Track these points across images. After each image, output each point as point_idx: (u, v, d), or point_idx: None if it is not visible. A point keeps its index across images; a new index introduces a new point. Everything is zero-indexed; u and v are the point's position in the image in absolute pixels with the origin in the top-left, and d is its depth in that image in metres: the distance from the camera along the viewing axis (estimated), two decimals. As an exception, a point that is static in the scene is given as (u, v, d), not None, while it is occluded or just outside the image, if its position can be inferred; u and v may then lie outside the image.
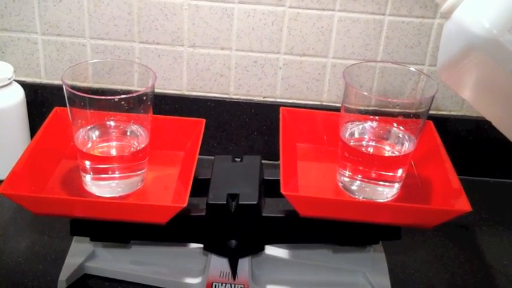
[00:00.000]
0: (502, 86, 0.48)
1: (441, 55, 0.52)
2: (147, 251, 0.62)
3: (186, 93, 0.81)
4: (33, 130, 0.79)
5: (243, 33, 0.77)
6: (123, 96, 0.53)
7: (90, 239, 0.59)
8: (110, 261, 0.62)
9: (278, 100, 0.81)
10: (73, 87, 0.53)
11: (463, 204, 0.54)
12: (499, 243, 0.71)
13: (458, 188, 0.56)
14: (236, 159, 0.63)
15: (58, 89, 0.80)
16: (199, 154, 0.59)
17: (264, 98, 0.81)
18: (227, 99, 0.81)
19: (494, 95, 0.51)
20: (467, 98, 0.54)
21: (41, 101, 0.81)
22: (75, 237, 0.63)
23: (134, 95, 0.54)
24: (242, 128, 0.82)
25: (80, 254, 0.61)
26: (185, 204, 0.51)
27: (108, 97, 0.52)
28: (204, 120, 0.63)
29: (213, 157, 0.63)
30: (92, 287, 0.61)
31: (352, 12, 0.75)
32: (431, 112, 0.57)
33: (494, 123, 0.54)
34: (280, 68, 0.79)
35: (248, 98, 0.81)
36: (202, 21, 0.76)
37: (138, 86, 0.59)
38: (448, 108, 0.81)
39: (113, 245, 0.62)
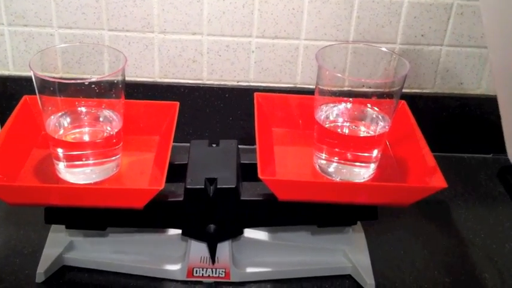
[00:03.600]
0: None
1: None
2: (126, 239, 0.61)
3: (159, 80, 0.81)
4: (3, 123, 0.77)
5: (214, 17, 0.76)
6: (93, 79, 0.52)
7: (66, 227, 0.58)
8: (88, 251, 0.61)
9: (252, 84, 0.81)
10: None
11: (438, 181, 0.54)
12: (475, 217, 0.72)
13: (433, 165, 0.56)
14: (212, 144, 0.62)
15: (27, 80, 0.79)
16: (175, 141, 0.59)
17: (237, 82, 0.81)
18: (201, 85, 0.80)
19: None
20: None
21: (10, 93, 0.79)
22: (52, 229, 0.62)
23: (105, 78, 0.53)
24: (217, 113, 0.82)
25: (58, 245, 0.60)
26: (162, 187, 0.51)
27: (79, 81, 0.51)
28: (177, 103, 0.63)
29: (189, 144, 0.62)
30: (71, 278, 0.60)
31: (323, -7, 0.75)
32: (404, 90, 0.58)
33: (490, 48, 0.48)
34: (253, 52, 0.79)
35: (222, 83, 0.81)
36: (172, 7, 0.75)
37: (109, 73, 0.58)
38: (420, 86, 0.81)
39: (90, 235, 0.61)
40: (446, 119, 0.82)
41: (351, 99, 0.59)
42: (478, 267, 0.65)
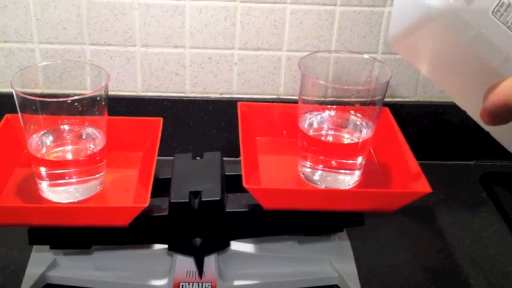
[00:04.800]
0: (458, 57, 0.48)
1: (394, 24, 0.50)
2: (111, 256, 0.61)
3: (142, 94, 0.80)
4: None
5: (196, 30, 0.76)
6: (75, 97, 0.51)
7: (50, 247, 0.58)
8: (72, 269, 0.60)
9: (235, 96, 0.81)
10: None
11: (422, 186, 0.54)
12: (460, 223, 0.73)
13: (417, 171, 0.57)
14: (196, 157, 0.62)
15: (9, 97, 0.77)
16: (159, 155, 0.58)
17: (221, 94, 0.81)
18: (184, 98, 0.80)
19: (450, 67, 0.51)
20: (422, 70, 0.53)
21: (-9, 110, 0.79)
22: (34, 247, 0.61)
23: (87, 95, 0.52)
24: (200, 126, 0.81)
25: (41, 263, 0.60)
26: (146, 204, 0.51)
27: (61, 99, 0.51)
28: (161, 119, 0.62)
29: (172, 157, 0.62)
30: (55, 296, 0.60)
31: (304, 4, 0.75)
32: (386, 99, 0.58)
33: (452, 97, 0.54)
34: (236, 64, 0.79)
35: (205, 95, 0.81)
36: (153, 20, 0.75)
37: (91, 89, 0.58)
38: (402, 95, 0.82)
39: (74, 252, 0.60)
40: (428, 127, 0.83)
41: (334, 106, 0.59)
42: (463, 273, 0.65)
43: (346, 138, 0.59)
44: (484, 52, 0.46)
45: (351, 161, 0.58)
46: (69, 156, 0.56)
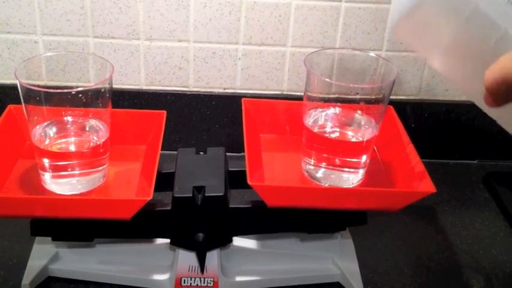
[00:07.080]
0: (458, 37, 0.47)
1: (393, 11, 0.50)
2: (113, 250, 0.61)
3: (145, 87, 0.80)
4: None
5: (200, 24, 0.76)
6: (80, 88, 0.51)
7: (52, 239, 0.57)
8: (74, 262, 0.60)
9: (238, 91, 0.81)
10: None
11: (427, 186, 0.54)
12: (462, 223, 0.73)
13: (421, 170, 0.56)
14: (200, 152, 0.62)
15: (11, 88, 0.78)
16: (162, 149, 0.58)
17: (224, 89, 0.81)
18: (187, 92, 0.80)
19: (451, 50, 0.50)
20: (425, 55, 0.53)
21: (-7, 101, 0.78)
22: (37, 239, 0.61)
23: (92, 87, 0.52)
24: (203, 121, 0.81)
25: (43, 256, 0.59)
26: (150, 197, 0.50)
27: (65, 90, 0.51)
28: (164, 112, 0.62)
29: (175, 152, 0.62)
30: (56, 289, 0.59)
31: None
32: (390, 97, 0.58)
33: (456, 84, 0.53)
34: (240, 59, 0.78)
35: (208, 90, 0.80)
36: (158, 14, 0.75)
37: (94, 82, 0.58)
38: (406, 93, 0.82)
39: (76, 245, 0.60)
40: (432, 126, 0.83)
41: (339, 104, 0.59)
42: (465, 273, 0.65)
43: (351, 136, 0.59)
44: (483, 29, 0.45)
45: (355, 160, 0.58)
46: (72, 148, 0.56)
